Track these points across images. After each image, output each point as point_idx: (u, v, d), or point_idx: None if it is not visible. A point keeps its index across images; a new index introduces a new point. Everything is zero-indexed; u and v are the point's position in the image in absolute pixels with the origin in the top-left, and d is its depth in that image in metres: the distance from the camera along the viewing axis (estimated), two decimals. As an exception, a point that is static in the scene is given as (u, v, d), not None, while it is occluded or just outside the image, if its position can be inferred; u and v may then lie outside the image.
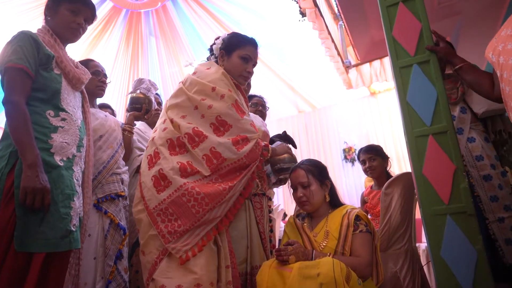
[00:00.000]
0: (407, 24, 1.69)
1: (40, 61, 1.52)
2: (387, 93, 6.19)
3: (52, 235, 1.37)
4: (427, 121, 1.55)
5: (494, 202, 2.02)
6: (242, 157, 1.60)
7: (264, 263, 1.65)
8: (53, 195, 1.40)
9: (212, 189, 1.54)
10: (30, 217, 1.34)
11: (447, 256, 1.42)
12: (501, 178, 2.05)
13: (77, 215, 1.51)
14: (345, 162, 6.32)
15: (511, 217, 1.98)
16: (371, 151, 2.81)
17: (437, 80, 1.59)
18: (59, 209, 1.41)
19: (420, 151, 1.55)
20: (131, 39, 6.36)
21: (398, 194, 2.26)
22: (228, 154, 1.58)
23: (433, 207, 1.48)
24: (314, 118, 6.85)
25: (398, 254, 2.22)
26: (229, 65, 1.82)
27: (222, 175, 1.59)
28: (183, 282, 1.43)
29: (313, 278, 1.40)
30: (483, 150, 2.09)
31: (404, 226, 2.25)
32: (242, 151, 1.60)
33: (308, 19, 3.75)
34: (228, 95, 1.68)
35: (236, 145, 1.61)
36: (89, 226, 1.80)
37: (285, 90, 6.49)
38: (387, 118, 6.10)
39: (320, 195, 1.81)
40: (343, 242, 1.66)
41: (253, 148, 1.63)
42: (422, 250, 3.41)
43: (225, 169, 1.59)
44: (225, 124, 1.65)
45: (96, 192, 1.87)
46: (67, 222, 1.43)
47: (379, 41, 3.61)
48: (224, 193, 1.55)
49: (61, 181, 1.45)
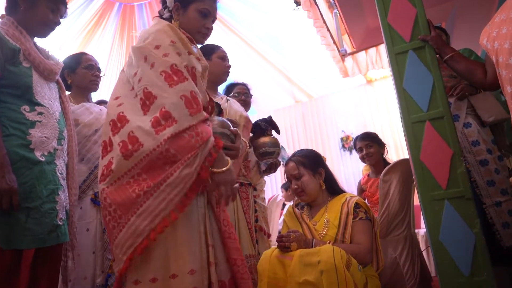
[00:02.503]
0: (402, 10, 1.69)
1: (6, 57, 1.45)
2: (384, 81, 6.18)
3: (40, 231, 1.38)
4: (424, 107, 1.56)
5: (491, 186, 2.03)
6: (161, 143, 1.13)
7: (264, 252, 1.66)
8: (37, 191, 1.40)
9: (122, 196, 1.15)
10: (13, 216, 1.34)
11: (446, 240, 1.43)
12: (498, 162, 2.05)
13: (63, 208, 1.51)
14: (343, 151, 6.33)
15: (508, 201, 2.00)
16: (367, 138, 2.81)
17: (433, 66, 1.59)
18: (44, 204, 1.41)
19: (417, 137, 1.55)
20: (125, 32, 6.30)
21: (397, 180, 2.27)
22: (144, 138, 1.16)
23: (431, 193, 1.49)
24: (311, 108, 6.84)
25: (398, 240, 2.23)
26: (185, 19, 1.48)
27: (146, 170, 1.16)
28: None
29: (313, 265, 1.42)
30: (479, 135, 2.09)
31: (403, 212, 2.27)
32: (162, 134, 1.14)
33: (303, 7, 3.73)
34: (169, 54, 1.28)
35: (155, 126, 1.16)
36: (87, 221, 1.81)
37: (281, 80, 6.47)
38: (384, 106, 6.10)
39: (314, 184, 1.83)
40: (343, 230, 1.67)
41: (181, 134, 1.14)
42: (421, 236, 3.44)
43: (144, 161, 1.15)
44: (150, 96, 1.21)
45: (93, 187, 1.86)
46: (53, 217, 1.44)
47: (374, 28, 3.59)
48: (137, 200, 1.13)
49: (43, 176, 1.44)
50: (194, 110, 1.19)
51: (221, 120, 1.42)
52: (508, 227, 1.98)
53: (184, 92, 1.21)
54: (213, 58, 2.03)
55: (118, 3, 5.88)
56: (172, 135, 1.14)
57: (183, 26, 1.48)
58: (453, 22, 3.47)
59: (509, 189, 2.01)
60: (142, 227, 1.11)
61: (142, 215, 1.12)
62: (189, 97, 1.20)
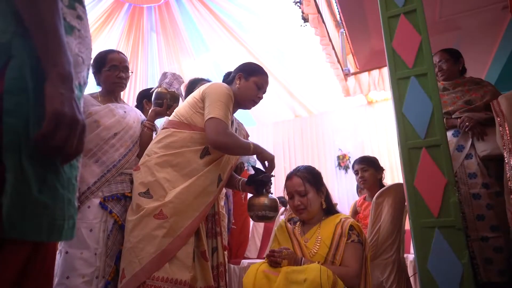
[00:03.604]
0: (407, 36, 1.70)
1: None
2: (384, 103, 6.22)
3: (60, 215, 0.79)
4: (421, 134, 1.56)
5: (479, 221, 2.02)
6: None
7: (252, 265, 1.65)
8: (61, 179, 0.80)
9: None
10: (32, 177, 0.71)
11: (434, 268, 1.43)
12: (494, 197, 2.03)
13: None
14: (338, 169, 6.34)
15: (496, 238, 1.98)
16: (363, 162, 2.82)
17: (433, 94, 1.60)
18: (65, 193, 0.83)
19: (413, 163, 1.55)
20: (132, 33, 6.35)
21: (389, 204, 2.26)
22: None
23: (423, 219, 1.48)
24: (310, 124, 6.86)
25: (386, 264, 2.22)
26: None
27: None
28: None
29: (299, 283, 1.41)
30: (477, 168, 2.08)
31: (393, 236, 2.26)
32: None
33: (311, 24, 3.76)
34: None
35: None
36: (93, 221, 1.77)
37: (283, 93, 6.50)
38: (383, 128, 6.13)
39: (317, 203, 1.82)
40: (335, 251, 1.66)
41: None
42: (410, 261, 3.41)
43: None
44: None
45: (103, 190, 1.84)
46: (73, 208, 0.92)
47: (378, 51, 3.63)
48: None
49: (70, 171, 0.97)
50: None
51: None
52: (491, 263, 1.98)
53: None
54: (250, 80, 1.92)
55: (127, 3, 5.93)
56: None
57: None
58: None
59: (502, 226, 1.99)
60: None
61: None
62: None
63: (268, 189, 1.91)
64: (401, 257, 2.31)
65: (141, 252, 1.60)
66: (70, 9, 0.86)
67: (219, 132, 1.69)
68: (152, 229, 1.62)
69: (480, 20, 3.04)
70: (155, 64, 6.71)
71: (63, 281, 1.66)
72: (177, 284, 1.58)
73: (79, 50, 0.88)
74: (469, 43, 3.37)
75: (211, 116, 1.72)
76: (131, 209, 1.76)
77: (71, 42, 0.84)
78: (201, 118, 1.80)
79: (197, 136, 1.79)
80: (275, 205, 1.87)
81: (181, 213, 1.66)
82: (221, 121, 1.71)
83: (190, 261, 1.66)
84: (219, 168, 1.84)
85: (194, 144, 1.78)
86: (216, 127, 1.70)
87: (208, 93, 1.80)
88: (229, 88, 1.85)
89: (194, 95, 1.89)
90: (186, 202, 1.68)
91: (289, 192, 1.86)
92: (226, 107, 1.76)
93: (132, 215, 1.72)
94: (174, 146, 1.77)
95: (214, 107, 1.74)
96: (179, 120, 1.84)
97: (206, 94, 1.81)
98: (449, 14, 3.00)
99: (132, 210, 1.75)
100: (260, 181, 1.87)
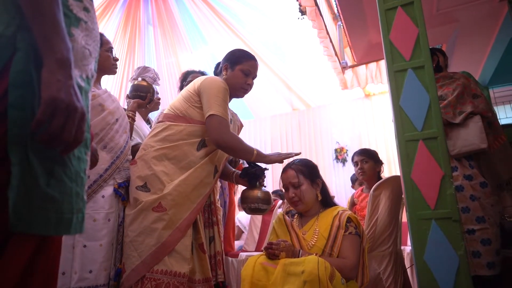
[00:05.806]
0: (405, 28, 1.70)
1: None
2: (381, 96, 6.22)
3: (68, 208, 0.76)
4: (418, 126, 1.57)
5: (465, 213, 2.01)
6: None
7: (250, 258, 1.66)
8: (68, 172, 0.77)
9: None
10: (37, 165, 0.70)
11: (430, 260, 1.44)
12: (479, 188, 2.02)
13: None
14: (336, 162, 6.35)
15: (483, 230, 1.97)
16: (364, 154, 2.83)
17: (430, 86, 1.60)
18: (73, 186, 0.79)
19: (410, 155, 1.56)
20: (128, 26, 6.30)
21: (386, 196, 2.28)
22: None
23: (419, 212, 1.49)
24: (307, 117, 6.86)
25: (383, 255, 2.24)
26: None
27: None
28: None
29: (297, 275, 1.42)
30: (456, 162, 2.09)
31: (390, 229, 2.27)
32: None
33: (308, 17, 3.75)
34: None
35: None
36: (109, 211, 1.74)
37: (280, 87, 6.49)
38: (380, 121, 6.13)
39: (312, 194, 1.83)
40: (332, 243, 1.67)
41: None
42: (406, 253, 3.44)
43: None
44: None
45: (115, 177, 1.81)
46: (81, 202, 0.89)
47: (376, 44, 3.62)
48: None
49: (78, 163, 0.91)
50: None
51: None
52: (479, 256, 1.96)
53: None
54: (236, 68, 1.92)
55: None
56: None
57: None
58: (454, 44, 3.50)
59: (489, 218, 1.98)
60: None
61: None
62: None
63: (262, 182, 1.94)
64: (398, 249, 2.33)
65: (141, 245, 1.61)
66: (77, 1, 0.85)
67: (223, 132, 1.71)
68: (151, 222, 1.63)
69: (478, 13, 3.03)
70: (152, 57, 6.68)
71: (86, 275, 1.61)
72: (176, 276, 1.59)
73: (86, 43, 0.86)
74: (466, 36, 3.36)
75: (211, 112, 1.73)
76: (128, 203, 1.77)
77: (77, 34, 0.82)
78: (196, 111, 1.82)
79: (194, 129, 1.79)
80: (268, 198, 1.90)
81: (179, 205, 1.67)
82: (222, 119, 1.73)
83: (189, 253, 1.67)
84: (215, 160, 1.85)
85: (190, 137, 1.79)
86: (219, 126, 1.72)
87: (204, 88, 1.80)
88: (224, 82, 1.85)
89: (188, 88, 1.89)
90: (184, 194, 1.69)
91: (284, 185, 1.88)
92: (224, 102, 1.77)
93: (129, 209, 1.73)
94: (171, 139, 1.77)
95: (212, 103, 1.75)
96: (174, 114, 1.84)
97: (202, 88, 1.81)
98: (446, 7, 2.99)
99: (129, 204, 1.75)
100: (253, 174, 1.91)
